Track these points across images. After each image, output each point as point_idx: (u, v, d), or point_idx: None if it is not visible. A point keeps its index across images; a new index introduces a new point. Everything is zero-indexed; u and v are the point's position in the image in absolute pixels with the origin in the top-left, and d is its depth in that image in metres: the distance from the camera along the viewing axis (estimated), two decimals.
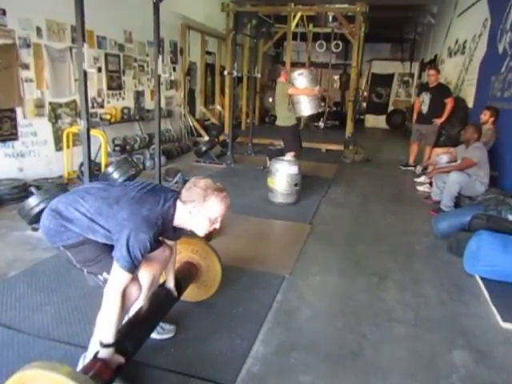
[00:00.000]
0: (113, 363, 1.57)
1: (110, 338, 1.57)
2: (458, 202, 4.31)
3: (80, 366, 1.75)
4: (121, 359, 1.60)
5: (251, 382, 1.85)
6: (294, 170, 4.46)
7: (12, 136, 4.52)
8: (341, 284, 2.83)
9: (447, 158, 4.74)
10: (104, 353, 1.56)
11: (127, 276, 1.57)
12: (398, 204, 4.86)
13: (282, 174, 4.42)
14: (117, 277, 1.57)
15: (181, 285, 2.12)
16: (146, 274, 1.96)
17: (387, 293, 2.73)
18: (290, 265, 3.02)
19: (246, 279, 2.78)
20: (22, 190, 4.12)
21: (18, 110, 4.55)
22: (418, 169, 5.19)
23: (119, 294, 1.57)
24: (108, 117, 5.93)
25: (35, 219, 3.28)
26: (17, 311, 2.28)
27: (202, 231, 1.73)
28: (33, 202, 3.19)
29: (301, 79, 5.11)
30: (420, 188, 5.48)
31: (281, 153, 5.18)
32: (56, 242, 1.75)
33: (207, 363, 1.94)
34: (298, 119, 6.11)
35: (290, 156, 4.90)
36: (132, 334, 1.75)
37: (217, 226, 1.72)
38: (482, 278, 2.89)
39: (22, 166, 4.67)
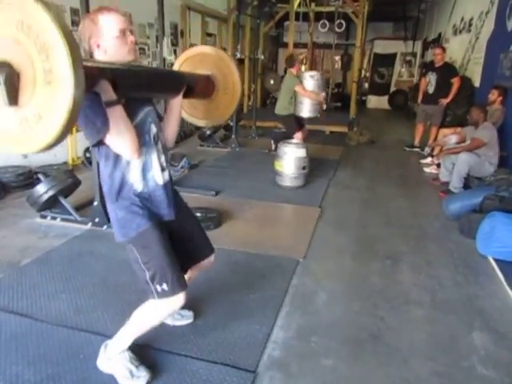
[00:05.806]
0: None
1: None
2: (467, 183, 4.28)
3: (101, 355, 1.75)
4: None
5: (273, 366, 1.85)
6: (302, 152, 4.41)
7: None
8: (355, 267, 2.82)
9: (456, 138, 4.69)
10: None
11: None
12: (405, 186, 4.83)
13: (290, 158, 4.37)
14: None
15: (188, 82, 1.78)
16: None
17: (402, 275, 2.72)
18: (303, 248, 3.01)
19: (259, 264, 2.77)
20: (28, 177, 4.07)
21: None
22: (427, 150, 5.14)
23: None
24: None
25: (44, 206, 3.26)
26: (32, 299, 2.26)
27: (126, 53, 1.52)
28: (41, 189, 3.15)
29: (311, 81, 5.10)
30: (427, 169, 5.44)
31: (286, 135, 5.13)
32: (127, 233, 1.56)
33: (228, 349, 1.93)
34: None
35: (297, 139, 4.86)
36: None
37: (131, 38, 1.52)
38: (496, 260, 2.88)
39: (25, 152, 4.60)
